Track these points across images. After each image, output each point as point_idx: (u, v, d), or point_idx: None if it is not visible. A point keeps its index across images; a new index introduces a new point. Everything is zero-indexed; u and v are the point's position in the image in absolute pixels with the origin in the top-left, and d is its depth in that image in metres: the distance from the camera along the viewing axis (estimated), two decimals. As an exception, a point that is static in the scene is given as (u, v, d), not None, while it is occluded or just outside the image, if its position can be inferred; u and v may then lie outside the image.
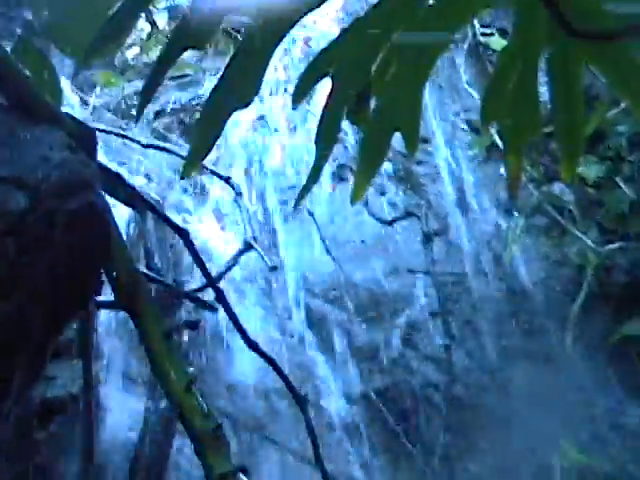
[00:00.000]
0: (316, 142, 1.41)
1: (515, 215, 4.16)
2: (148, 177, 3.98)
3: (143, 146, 3.06)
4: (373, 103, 1.43)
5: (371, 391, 3.84)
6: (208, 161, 3.76)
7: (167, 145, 3.36)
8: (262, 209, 4.17)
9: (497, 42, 4.41)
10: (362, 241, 4.21)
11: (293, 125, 4.63)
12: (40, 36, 1.39)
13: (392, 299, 4.05)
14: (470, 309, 4.03)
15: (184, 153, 3.95)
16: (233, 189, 2.88)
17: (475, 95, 4.57)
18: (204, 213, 3.97)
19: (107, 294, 1.30)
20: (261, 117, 4.67)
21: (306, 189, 1.46)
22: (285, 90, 4.76)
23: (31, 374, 0.96)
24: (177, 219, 2.89)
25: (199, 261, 1.69)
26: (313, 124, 4.31)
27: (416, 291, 4.09)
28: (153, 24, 5.98)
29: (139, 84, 5.01)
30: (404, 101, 1.45)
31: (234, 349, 3.61)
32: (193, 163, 1.27)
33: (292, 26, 1.24)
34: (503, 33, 4.43)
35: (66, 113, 1.06)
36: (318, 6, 1.24)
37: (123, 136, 3.20)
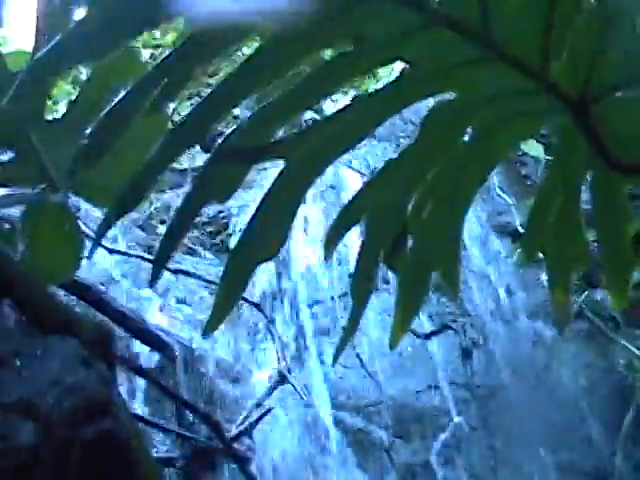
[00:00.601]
0: (352, 293, 1.33)
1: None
2: (181, 301, 3.91)
3: (171, 272, 3.01)
4: (410, 244, 1.35)
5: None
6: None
7: (195, 270, 3.30)
8: (295, 323, 4.09)
9: (530, 146, 4.34)
10: (399, 354, 4.10)
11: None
12: (61, 188, 1.34)
13: (432, 414, 3.92)
14: (513, 422, 3.88)
15: (211, 276, 3.91)
16: (265, 317, 2.80)
17: (507, 199, 4.50)
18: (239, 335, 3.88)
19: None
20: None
21: (345, 340, 1.37)
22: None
23: None
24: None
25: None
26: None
27: (456, 405, 3.95)
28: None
29: (167, 196, 5.00)
30: (442, 241, 1.37)
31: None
32: (217, 320, 1.18)
33: (323, 170, 1.18)
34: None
35: (83, 315, 0.98)
36: (351, 148, 1.18)
37: (150, 260, 3.15)
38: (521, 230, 4.33)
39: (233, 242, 4.79)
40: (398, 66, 1.15)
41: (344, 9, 0.99)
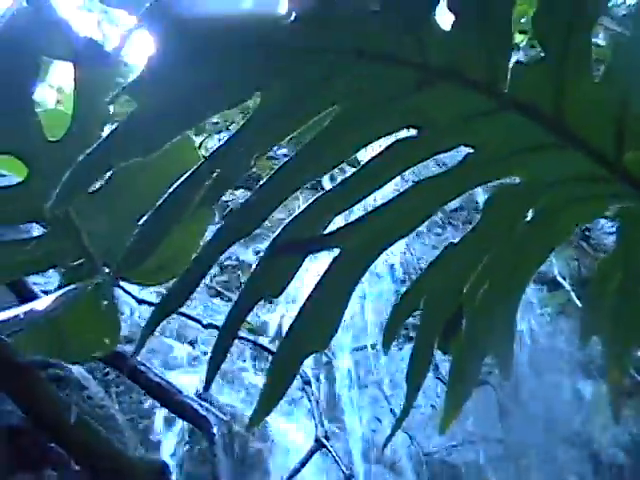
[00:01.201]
0: (407, 378, 1.26)
1: (596, 379, 3.93)
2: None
3: (203, 326, 2.95)
4: (464, 326, 1.29)
5: None
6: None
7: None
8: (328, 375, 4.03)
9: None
10: (432, 406, 4.00)
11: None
12: (98, 266, 1.29)
13: (466, 470, 3.81)
14: (549, 481, 3.77)
15: (246, 334, 3.85)
16: (301, 376, 2.73)
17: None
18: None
19: None
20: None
21: (398, 425, 1.29)
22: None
23: None
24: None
25: None
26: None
27: (491, 462, 3.84)
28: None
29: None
30: (496, 322, 1.31)
31: None
32: (264, 412, 1.11)
33: (377, 257, 1.11)
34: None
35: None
36: (409, 234, 1.11)
37: (183, 314, 3.09)
38: (559, 279, 4.26)
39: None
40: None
41: (409, 94, 0.94)
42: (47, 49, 1.20)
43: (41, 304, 1.11)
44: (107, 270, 1.30)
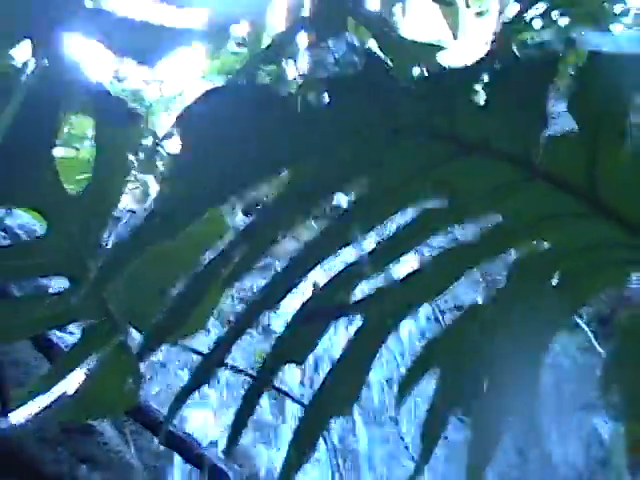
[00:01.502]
0: (422, 437, 1.24)
1: (616, 421, 3.87)
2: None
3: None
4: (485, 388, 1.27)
5: None
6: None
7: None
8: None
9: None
10: (445, 437, 3.93)
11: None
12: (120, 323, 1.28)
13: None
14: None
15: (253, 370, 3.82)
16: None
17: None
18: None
19: None
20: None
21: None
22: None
23: None
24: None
25: None
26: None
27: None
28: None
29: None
30: (518, 386, 1.29)
31: None
32: (288, 478, 1.10)
33: (401, 322, 1.10)
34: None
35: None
36: (434, 299, 1.11)
37: (195, 351, 3.08)
38: (577, 319, 4.22)
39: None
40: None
41: (439, 165, 0.93)
42: (68, 106, 1.20)
43: (70, 386, 1.10)
44: (136, 341, 1.30)
